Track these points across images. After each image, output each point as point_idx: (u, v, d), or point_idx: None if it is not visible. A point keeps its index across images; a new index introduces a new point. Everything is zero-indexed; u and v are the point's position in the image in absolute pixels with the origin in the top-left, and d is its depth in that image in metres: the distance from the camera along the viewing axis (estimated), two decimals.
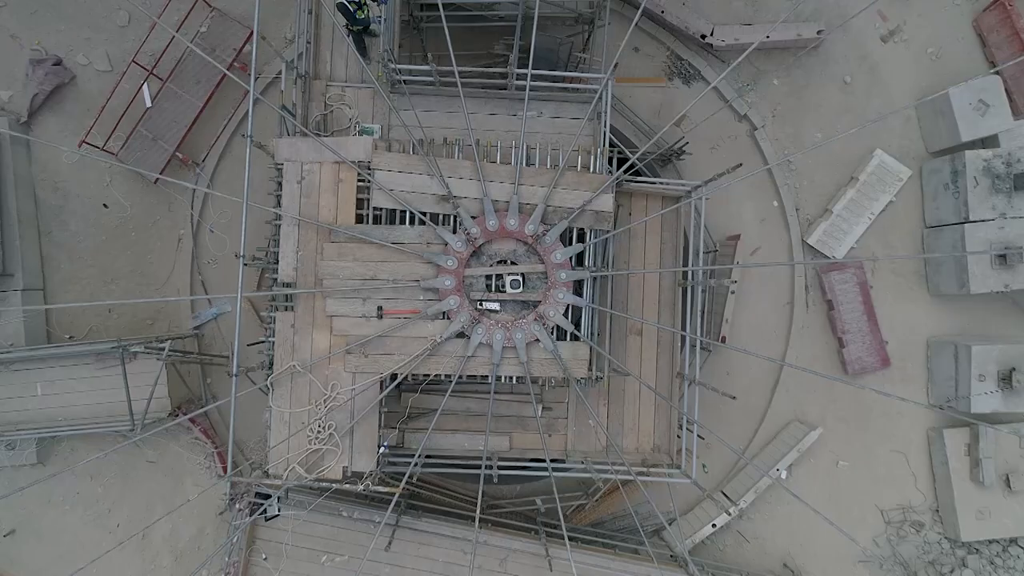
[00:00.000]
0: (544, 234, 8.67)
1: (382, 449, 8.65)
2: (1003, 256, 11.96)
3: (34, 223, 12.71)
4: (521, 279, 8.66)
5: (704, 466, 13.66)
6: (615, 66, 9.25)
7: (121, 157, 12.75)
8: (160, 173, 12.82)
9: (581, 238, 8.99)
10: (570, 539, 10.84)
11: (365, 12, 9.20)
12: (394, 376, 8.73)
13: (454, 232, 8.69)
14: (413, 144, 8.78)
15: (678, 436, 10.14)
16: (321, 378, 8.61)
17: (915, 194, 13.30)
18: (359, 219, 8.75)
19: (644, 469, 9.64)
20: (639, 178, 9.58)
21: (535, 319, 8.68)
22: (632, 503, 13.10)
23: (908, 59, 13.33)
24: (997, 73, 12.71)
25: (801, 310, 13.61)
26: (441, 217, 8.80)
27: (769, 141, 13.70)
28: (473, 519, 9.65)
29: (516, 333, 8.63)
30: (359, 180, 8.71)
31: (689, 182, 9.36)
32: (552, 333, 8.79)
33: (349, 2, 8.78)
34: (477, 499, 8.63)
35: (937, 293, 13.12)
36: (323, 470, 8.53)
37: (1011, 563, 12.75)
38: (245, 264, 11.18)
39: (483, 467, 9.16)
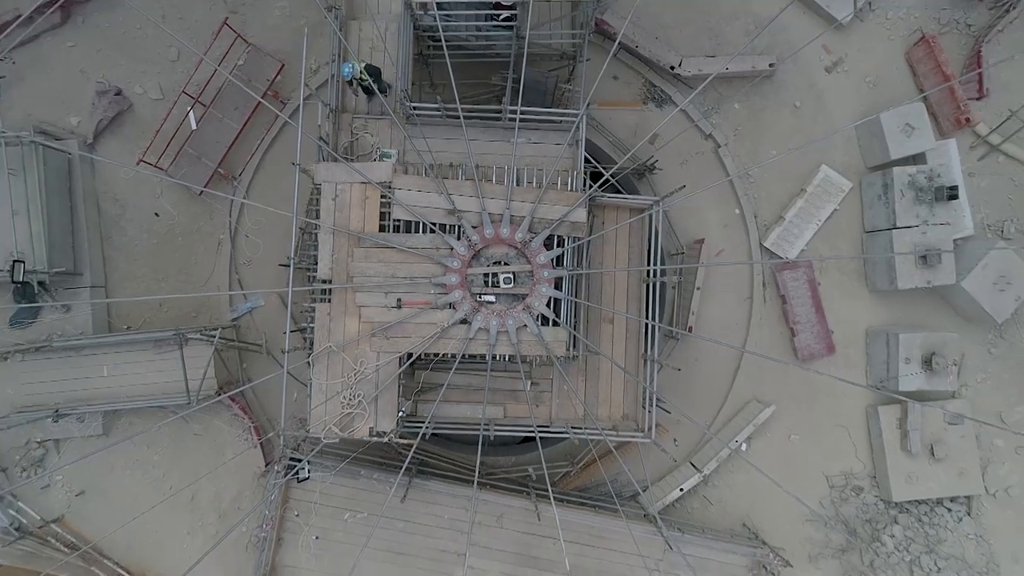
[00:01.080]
0: (531, 240, 10.76)
1: (401, 413, 10.73)
2: (924, 257, 14.03)
3: (97, 230, 14.80)
4: (512, 277, 10.74)
5: (675, 440, 15.73)
6: (588, 104, 11.37)
7: (170, 173, 14.83)
8: (204, 186, 14.93)
9: (561, 243, 11.07)
10: (556, 500, 12.92)
11: (367, 81, 11.10)
12: (410, 355, 10.81)
13: (458, 239, 10.77)
14: (425, 168, 10.87)
15: (644, 408, 12.20)
16: (351, 356, 10.70)
17: (855, 203, 15.35)
18: (382, 228, 10.84)
19: (614, 432, 11.72)
20: (609, 194, 11.64)
21: (523, 309, 10.76)
22: (610, 473, 15.25)
23: (849, 87, 15.39)
24: (925, 99, 14.82)
25: (759, 304, 15.64)
26: (448, 226, 10.89)
27: (731, 157, 15.73)
28: (473, 483, 11.70)
29: (508, 320, 10.71)
30: (382, 197, 10.80)
31: (650, 198, 11.45)
32: (537, 320, 10.86)
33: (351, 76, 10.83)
34: (476, 465, 10.65)
35: (874, 289, 15.19)
36: (353, 430, 10.61)
37: (936, 521, 14.81)
38: (283, 265, 13.34)
39: (481, 430, 11.27)
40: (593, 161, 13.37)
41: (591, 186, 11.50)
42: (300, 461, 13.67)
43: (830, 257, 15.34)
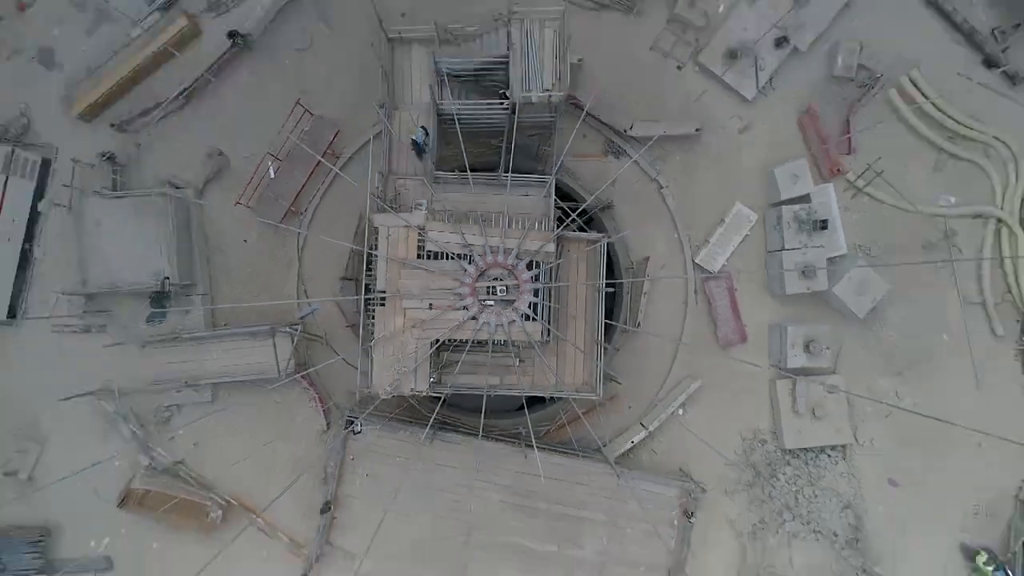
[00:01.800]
0: (517, 264, 16.16)
1: (431, 380, 16.15)
2: (804, 271, 19.40)
3: (205, 253, 20.19)
4: (505, 288, 16.13)
5: (629, 406, 21.06)
6: (557, 168, 16.81)
7: (256, 211, 20.27)
8: (279, 221, 20.32)
9: (539, 266, 16.46)
10: (539, 448, 18.30)
11: (422, 140, 16.58)
12: (438, 340, 16.21)
13: (469, 263, 16.16)
14: (447, 216, 16.30)
15: (597, 378, 17.56)
16: (399, 342, 16.11)
17: (761, 230, 20.68)
18: (419, 256, 16.24)
19: (576, 393, 17.15)
20: (571, 232, 17.07)
21: (513, 310, 16.16)
22: (579, 432, 20.55)
23: (756, 145, 20.68)
24: (810, 154, 20.20)
25: (691, 306, 20.92)
26: (462, 255, 16.29)
27: (671, 196, 21.04)
28: (478, 435, 17.11)
29: (503, 317, 16.10)
30: (418, 235, 16.22)
31: (599, 235, 16.89)
32: (522, 317, 16.25)
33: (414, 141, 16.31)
34: (480, 421, 15.90)
35: (772, 294, 20.54)
36: (401, 390, 16.04)
37: (818, 463, 20.08)
38: (344, 278, 18.76)
39: (484, 393, 16.69)
40: (561, 204, 18.60)
41: (562, 222, 16.92)
42: (355, 419, 19.12)
43: (742, 271, 20.70)
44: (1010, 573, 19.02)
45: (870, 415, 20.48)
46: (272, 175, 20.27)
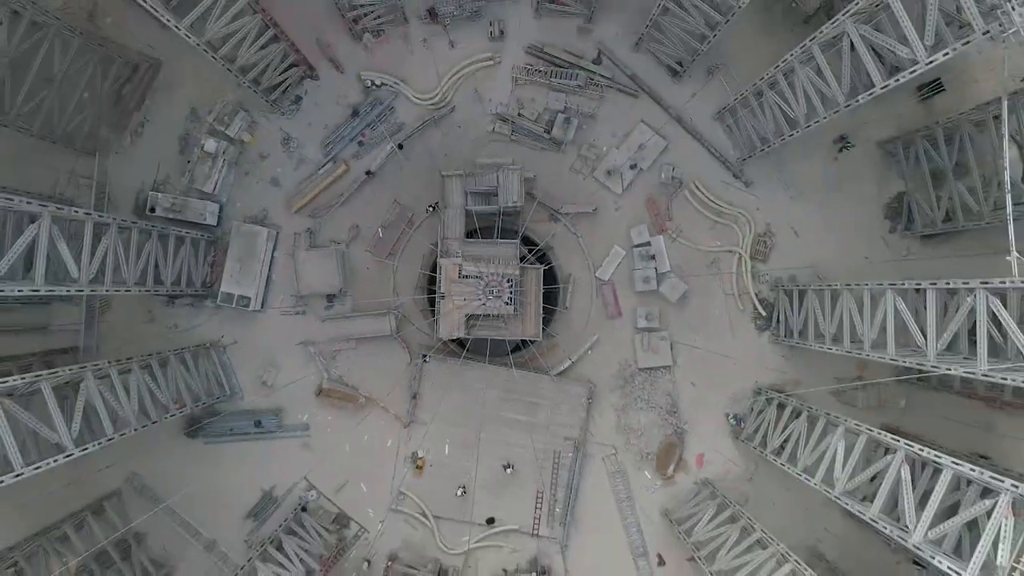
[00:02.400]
0: (502, 279, 36.51)
1: (467, 331, 36.56)
2: (646, 280, 39.65)
3: (350, 275, 40.50)
4: (497, 290, 36.46)
5: (565, 350, 41.36)
6: (521, 232, 37.23)
7: (373, 253, 40.55)
8: (384, 257, 40.65)
9: (512, 279, 36.77)
10: (517, 368, 38.65)
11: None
12: (468, 314, 36.56)
13: (481, 280, 36.50)
14: (470, 257, 36.72)
15: (540, 330, 37.86)
16: (450, 315, 36.47)
17: (628, 260, 40.82)
18: (460, 276, 36.60)
19: (530, 339, 37.62)
20: (527, 264, 37.45)
21: (500, 299, 36.50)
22: (535, 364, 40.81)
23: (624, 216, 40.88)
24: (645, 222, 40.49)
25: (595, 298, 41.15)
26: (478, 276, 36.59)
27: (583, 242, 41.25)
28: (485, 361, 37.36)
29: (496, 303, 36.44)
30: (459, 267, 36.59)
31: (539, 265, 37.29)
32: (505, 303, 36.56)
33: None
34: (486, 355, 36.09)
35: (633, 291, 40.75)
36: (452, 336, 36.47)
37: (656, 374, 40.22)
38: (422, 287, 39.62)
39: (488, 337, 37.13)
40: (524, 248, 38.83)
41: (523, 258, 37.29)
42: (426, 355, 39.57)
43: (618, 279, 40.94)
44: (743, 423, 39.36)
45: (685, 352, 40.74)
46: (380, 236, 40.67)
